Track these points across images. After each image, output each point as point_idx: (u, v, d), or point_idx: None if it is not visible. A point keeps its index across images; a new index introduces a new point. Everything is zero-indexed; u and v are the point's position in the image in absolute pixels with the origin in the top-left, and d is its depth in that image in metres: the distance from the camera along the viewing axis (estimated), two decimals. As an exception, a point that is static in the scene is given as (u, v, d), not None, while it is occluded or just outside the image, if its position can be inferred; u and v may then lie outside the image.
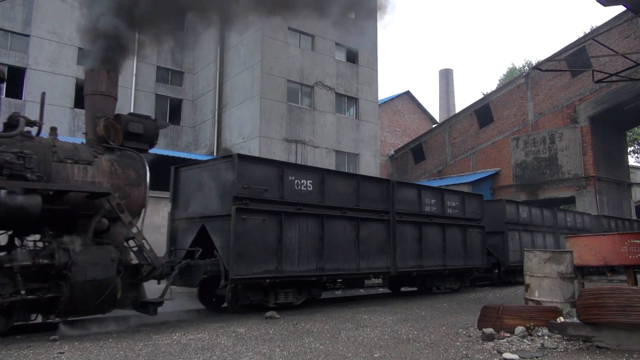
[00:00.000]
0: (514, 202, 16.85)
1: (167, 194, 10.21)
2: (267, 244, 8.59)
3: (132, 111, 23.72)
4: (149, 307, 6.91)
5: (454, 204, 13.02)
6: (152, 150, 8.56)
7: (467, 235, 13.17)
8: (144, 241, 7.06)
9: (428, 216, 12.14)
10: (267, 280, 8.47)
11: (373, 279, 14.10)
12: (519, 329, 5.92)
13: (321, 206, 9.55)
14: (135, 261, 7.17)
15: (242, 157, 8.65)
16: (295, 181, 9.19)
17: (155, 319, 7.60)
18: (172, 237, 9.49)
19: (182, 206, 9.37)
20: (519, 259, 14.99)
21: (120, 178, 7.29)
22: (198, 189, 9.08)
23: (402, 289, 13.33)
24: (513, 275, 15.90)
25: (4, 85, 8.12)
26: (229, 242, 8.12)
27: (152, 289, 7.54)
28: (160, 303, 7.08)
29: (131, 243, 7.11)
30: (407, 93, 43.75)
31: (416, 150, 36.65)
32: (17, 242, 6.59)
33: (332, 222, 9.74)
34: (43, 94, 8.11)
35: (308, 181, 9.39)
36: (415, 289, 13.20)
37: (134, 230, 7.02)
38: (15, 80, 21.23)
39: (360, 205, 10.36)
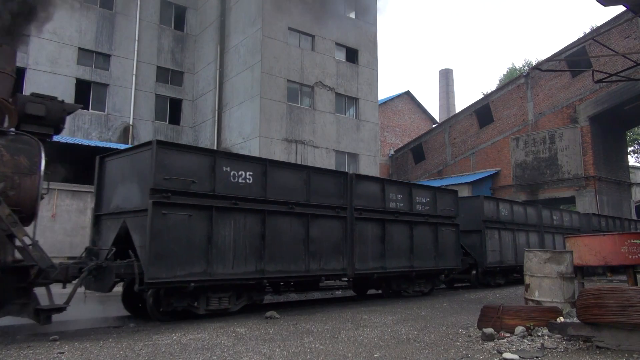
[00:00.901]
0: (493, 199, 15.83)
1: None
2: (194, 243, 7.62)
3: (132, 111, 23.88)
4: (40, 314, 6.04)
5: (423, 200, 12.04)
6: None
7: (438, 234, 12.24)
8: (24, 238, 6.14)
9: (393, 213, 11.11)
10: (192, 285, 7.47)
11: (334, 281, 13.66)
12: (519, 329, 5.92)
13: (263, 201, 8.59)
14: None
15: (163, 144, 7.64)
16: (232, 172, 8.25)
17: (156, 323, 7.60)
18: (96, 235, 8.53)
19: (106, 200, 8.44)
20: (499, 259, 14.82)
21: (7, 166, 6.34)
22: (120, 180, 8.15)
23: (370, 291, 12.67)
24: (492, 276, 15.11)
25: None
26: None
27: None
28: (59, 310, 6.18)
29: (26, 240, 6.20)
30: (407, 93, 43.77)
31: (416, 150, 36.67)
32: None
33: (276, 219, 8.79)
34: None
35: (247, 173, 8.45)
36: (380, 291, 12.31)
37: (19, 225, 6.07)
38: (15, 80, 21.21)
39: (311, 200, 9.38)
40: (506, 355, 5.10)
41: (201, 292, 7.87)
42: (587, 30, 47.94)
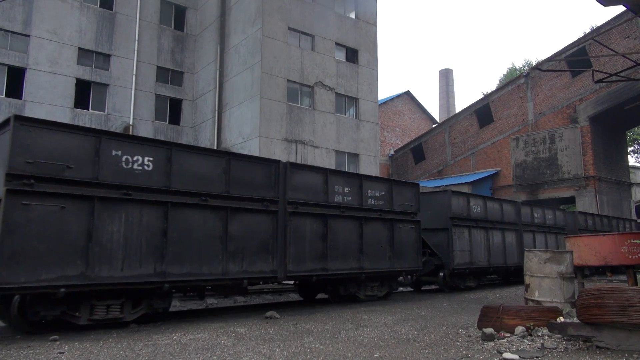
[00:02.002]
0: (463, 195, 14.42)
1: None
2: (68, 240, 6.42)
3: (132, 111, 23.87)
4: None
5: (377, 194, 10.86)
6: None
7: (395, 232, 11.09)
8: None
9: (338, 207, 9.91)
10: (62, 290, 6.26)
11: (273, 284, 12.58)
12: (519, 329, 5.93)
13: (166, 191, 7.39)
14: None
15: (26, 120, 6.39)
16: (124, 157, 7.06)
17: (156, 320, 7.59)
18: None
19: None
20: (469, 260, 13.61)
21: None
22: None
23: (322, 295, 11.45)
24: (461, 279, 13.84)
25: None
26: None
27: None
28: None
29: None
30: (407, 93, 43.78)
31: (416, 150, 36.67)
32: None
33: (184, 213, 7.58)
34: None
35: (146, 158, 7.28)
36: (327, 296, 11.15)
37: None
38: (15, 80, 21.25)
39: (231, 192, 8.21)
40: (506, 355, 5.10)
41: (82, 299, 6.71)
42: (587, 30, 47.97)
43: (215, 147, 23.75)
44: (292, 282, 11.06)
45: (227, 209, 8.17)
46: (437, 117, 64.87)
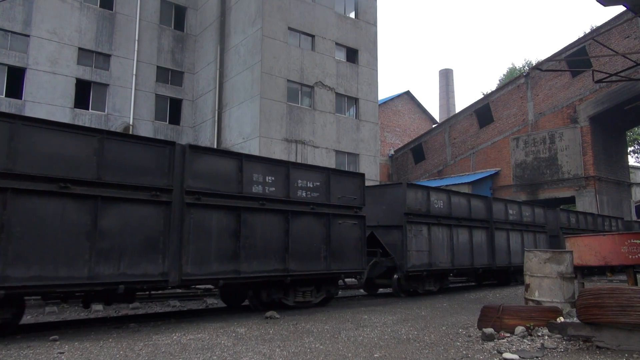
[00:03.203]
0: (422, 188, 12.79)
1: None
2: None
3: (132, 111, 23.88)
4: None
5: (310, 185, 9.51)
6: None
7: (332, 229, 9.73)
8: None
9: (257, 199, 8.53)
10: None
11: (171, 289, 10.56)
12: (519, 329, 5.93)
13: (7, 175, 6.06)
14: None
15: None
16: None
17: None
18: None
19: None
20: (427, 261, 12.16)
21: None
22: None
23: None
24: (419, 282, 12.31)
25: None
26: None
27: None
28: None
29: None
30: (407, 93, 43.79)
31: (416, 150, 36.67)
32: None
33: (32, 202, 6.21)
34: None
35: None
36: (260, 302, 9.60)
37: None
38: (15, 80, 21.25)
39: (104, 178, 6.82)
40: (506, 355, 5.10)
41: None
42: (587, 30, 47.99)
43: (215, 147, 23.78)
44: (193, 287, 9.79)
45: (98, 199, 6.73)
46: (437, 117, 64.90)
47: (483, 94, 53.62)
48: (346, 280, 11.53)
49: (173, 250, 7.43)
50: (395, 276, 11.87)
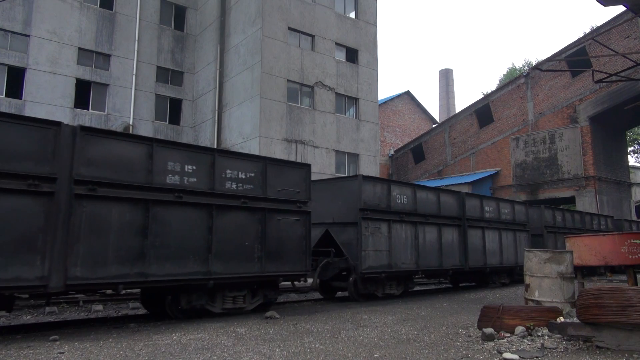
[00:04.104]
0: (381, 181, 11.55)
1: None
2: None
3: (132, 111, 23.88)
4: None
5: (242, 176, 8.49)
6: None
7: (269, 225, 8.72)
8: None
9: (171, 191, 7.47)
10: None
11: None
12: (519, 329, 5.93)
13: None
14: None
15: None
16: None
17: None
18: None
19: None
20: (387, 262, 11.01)
21: None
22: None
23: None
24: (377, 285, 11.19)
25: None
26: None
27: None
28: None
29: None
30: (407, 93, 43.79)
31: (416, 150, 36.68)
32: None
33: None
34: None
35: None
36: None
37: None
38: (15, 80, 21.25)
39: None
40: (506, 355, 5.10)
41: None
42: (587, 30, 48.01)
43: (215, 147, 23.79)
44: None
45: None
46: (437, 117, 64.92)
47: (483, 94, 53.64)
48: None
49: (57, 250, 6.32)
50: (350, 278, 10.71)
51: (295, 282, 9.76)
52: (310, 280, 10.71)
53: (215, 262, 7.85)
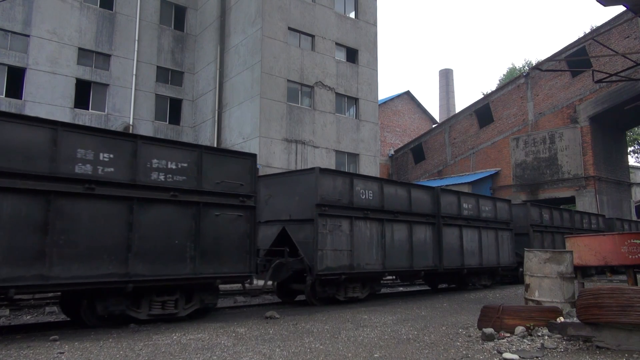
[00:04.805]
0: (342, 175, 10.60)
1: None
2: None
3: (132, 111, 23.88)
4: None
5: (173, 167, 7.61)
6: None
7: (204, 222, 7.86)
8: None
9: (81, 182, 6.62)
10: None
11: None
12: (519, 329, 5.93)
13: None
14: None
15: None
16: None
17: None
18: None
19: None
20: (347, 262, 10.11)
21: None
22: None
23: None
24: (337, 288, 10.24)
25: None
26: None
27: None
28: None
29: None
30: (407, 93, 43.79)
31: (416, 150, 36.68)
32: None
33: None
34: None
35: None
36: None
37: None
38: (15, 80, 21.25)
39: None
40: (506, 355, 5.10)
41: None
42: (587, 30, 48.01)
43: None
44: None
45: None
46: (437, 117, 64.93)
47: (483, 94, 53.64)
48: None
49: None
50: (308, 280, 9.79)
51: (237, 285, 8.89)
52: (269, 283, 10.00)
53: (136, 263, 7.01)
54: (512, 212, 15.86)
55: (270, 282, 10.21)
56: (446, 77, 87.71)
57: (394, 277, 14.19)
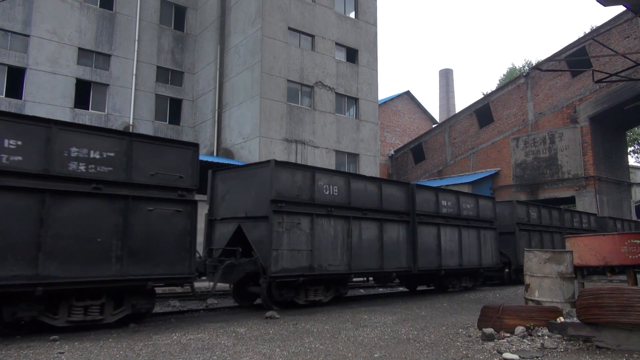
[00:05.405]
0: (302, 169, 9.77)
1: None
2: None
3: (132, 111, 23.88)
4: None
5: (97, 156, 6.81)
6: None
7: (133, 217, 7.04)
8: None
9: None
10: None
11: None
12: (519, 329, 5.93)
13: None
14: None
15: None
16: None
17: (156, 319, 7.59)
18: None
19: None
20: (307, 263, 9.33)
21: None
22: None
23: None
24: (293, 291, 9.44)
25: None
26: None
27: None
28: None
29: None
30: (407, 93, 43.79)
31: (416, 150, 36.68)
32: None
33: None
34: None
35: None
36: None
37: None
38: (15, 80, 21.25)
39: None
40: (506, 355, 5.10)
41: None
42: (587, 30, 48.02)
43: (215, 148, 23.78)
44: None
45: None
46: (437, 117, 64.94)
47: (483, 94, 53.65)
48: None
49: None
50: (262, 283, 9.03)
51: (177, 288, 7.97)
52: (218, 284, 9.11)
53: (48, 264, 6.24)
54: (497, 210, 15.17)
55: (226, 285, 9.49)
56: (446, 77, 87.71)
57: (364, 279, 13.08)
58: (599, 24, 34.19)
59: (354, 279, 12.61)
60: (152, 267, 7.13)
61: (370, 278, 12.33)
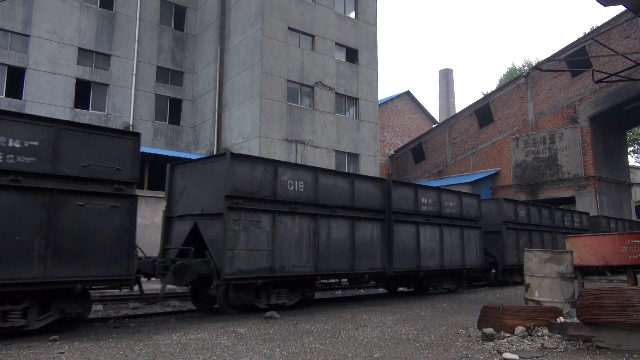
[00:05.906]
0: (263, 162, 9.10)
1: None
2: None
3: (132, 111, 23.87)
4: None
5: (16, 145, 6.17)
6: (152, 150, 7.18)
7: (62, 214, 6.44)
8: None
9: None
10: None
11: None
12: (519, 329, 5.93)
13: None
14: None
15: None
16: None
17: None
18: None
19: None
20: (267, 264, 8.68)
21: None
22: None
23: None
24: (252, 294, 8.78)
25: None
26: None
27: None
28: None
29: None
30: (407, 93, 43.79)
31: (416, 150, 36.68)
32: None
33: None
34: None
35: None
36: None
37: None
38: (15, 80, 21.25)
39: None
40: (506, 355, 5.10)
41: None
42: (587, 30, 48.02)
43: (215, 148, 23.78)
44: None
45: None
46: (437, 117, 64.93)
47: (483, 94, 53.66)
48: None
49: None
50: (216, 285, 8.35)
51: (177, 288, 7.37)
52: (168, 287, 8.65)
53: None
54: (482, 209, 14.56)
55: (180, 288, 8.72)
56: (446, 77, 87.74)
57: (336, 280, 12.19)
58: (599, 24, 34.24)
59: (324, 281, 12.05)
60: (82, 268, 6.46)
61: (344, 279, 11.60)
